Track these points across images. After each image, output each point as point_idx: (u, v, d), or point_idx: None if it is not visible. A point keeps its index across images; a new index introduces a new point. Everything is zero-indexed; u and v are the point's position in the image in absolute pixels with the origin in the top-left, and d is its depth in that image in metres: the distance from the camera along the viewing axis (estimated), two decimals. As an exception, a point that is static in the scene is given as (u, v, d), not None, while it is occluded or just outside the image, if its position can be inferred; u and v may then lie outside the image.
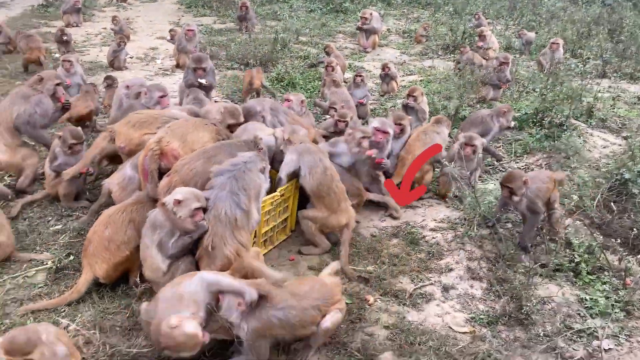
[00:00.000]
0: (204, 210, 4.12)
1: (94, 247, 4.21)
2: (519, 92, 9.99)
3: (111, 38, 13.51)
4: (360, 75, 8.86)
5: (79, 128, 5.61)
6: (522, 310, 4.33)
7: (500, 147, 7.91)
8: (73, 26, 14.81)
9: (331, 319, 3.80)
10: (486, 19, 16.11)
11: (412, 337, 4.14)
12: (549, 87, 9.33)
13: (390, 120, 6.23)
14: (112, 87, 8.61)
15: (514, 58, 10.87)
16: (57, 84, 6.04)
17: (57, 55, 11.84)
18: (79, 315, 4.05)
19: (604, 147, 7.82)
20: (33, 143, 6.26)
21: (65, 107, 6.02)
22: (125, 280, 4.43)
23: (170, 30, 12.65)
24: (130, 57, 11.84)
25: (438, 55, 13.45)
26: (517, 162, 7.45)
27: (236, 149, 4.65)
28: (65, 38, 11.87)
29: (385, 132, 5.80)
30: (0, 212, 4.72)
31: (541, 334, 4.19)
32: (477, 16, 15.31)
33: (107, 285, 4.34)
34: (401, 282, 4.80)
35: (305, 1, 19.29)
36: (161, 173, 4.60)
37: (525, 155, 7.63)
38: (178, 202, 3.99)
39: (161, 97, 6.18)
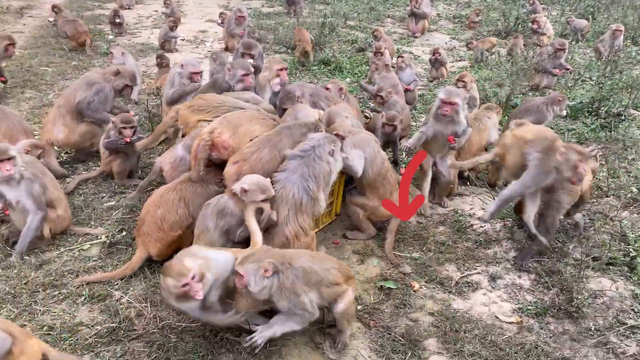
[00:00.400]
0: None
1: (147, 227, 4.32)
2: (574, 80, 9.64)
3: (162, 20, 13.77)
4: (402, 56, 8.72)
5: (131, 113, 5.74)
6: (573, 303, 4.21)
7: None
8: (125, 8, 15.15)
9: (343, 301, 3.76)
10: (541, 4, 15.59)
11: (457, 324, 4.09)
12: (607, 75, 8.99)
13: (459, 90, 5.86)
14: (164, 67, 8.78)
15: (570, 45, 10.49)
16: (128, 86, 6.24)
17: (110, 37, 12.16)
18: (131, 289, 4.18)
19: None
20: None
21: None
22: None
23: (221, 14, 12.76)
24: (182, 40, 12.03)
25: (489, 41, 13.10)
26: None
27: (298, 132, 4.65)
28: (118, 20, 12.17)
29: (453, 103, 5.40)
30: (59, 187, 4.91)
31: (592, 328, 4.07)
32: (531, 1, 14.82)
33: (158, 261, 4.47)
34: (447, 270, 4.75)
35: (354, -16, 19.10)
36: (213, 163, 4.66)
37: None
38: (244, 191, 4.00)
39: (244, 75, 6.10)
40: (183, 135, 5.28)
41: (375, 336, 4.04)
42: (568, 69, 9.30)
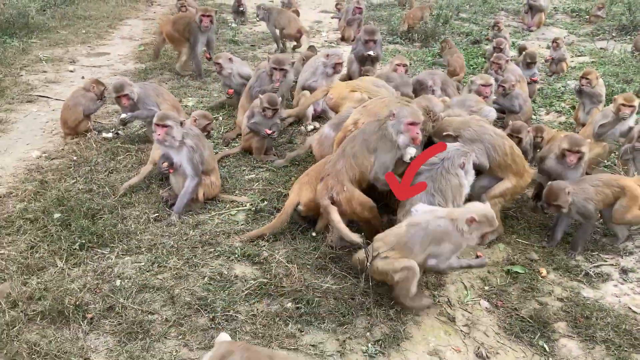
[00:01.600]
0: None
1: (309, 178, 4.84)
2: None
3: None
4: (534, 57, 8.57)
5: (275, 95, 6.19)
6: None
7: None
8: (247, -4, 15.89)
9: None
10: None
11: (587, 311, 4.16)
12: None
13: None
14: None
15: None
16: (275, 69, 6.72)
17: (234, 24, 12.88)
18: (277, 251, 4.60)
19: None
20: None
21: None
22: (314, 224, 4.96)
23: (337, 4, 13.13)
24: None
25: (612, 36, 12.54)
26: None
27: (371, 131, 4.63)
28: (241, 9, 12.85)
29: (488, 85, 6.31)
30: (214, 156, 5.45)
31: None
32: (661, -6, 13.93)
33: (298, 227, 4.88)
34: (575, 260, 4.79)
35: (466, -23, 18.82)
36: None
37: None
38: (472, 221, 3.88)
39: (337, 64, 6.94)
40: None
41: (504, 315, 4.20)
42: None
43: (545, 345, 3.92)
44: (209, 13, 8.58)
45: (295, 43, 10.95)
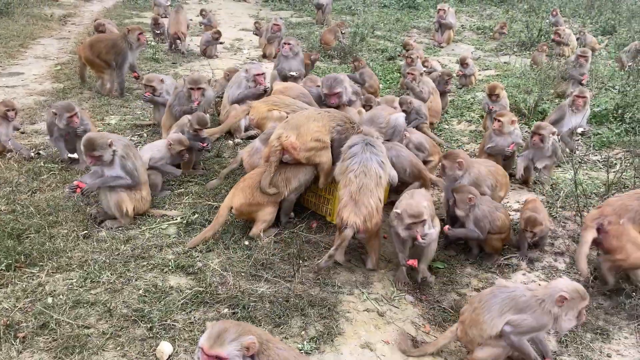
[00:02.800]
0: None
1: (244, 184, 5.09)
2: (598, 88, 10.09)
3: (198, 29, 14.45)
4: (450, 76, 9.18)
5: (203, 114, 6.31)
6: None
7: (578, 140, 8.12)
8: (162, 17, 15.83)
9: None
10: (562, 17, 16.05)
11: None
12: (630, 83, 9.43)
13: None
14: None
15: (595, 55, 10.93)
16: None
17: (153, 43, 12.82)
18: (210, 261, 4.71)
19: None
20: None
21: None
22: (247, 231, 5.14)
23: (255, 23, 13.40)
24: (223, 46, 12.70)
25: (514, 51, 13.61)
26: (595, 155, 7.63)
27: None
28: (157, 31, 12.88)
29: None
30: (145, 169, 5.45)
31: (626, 303, 4.53)
32: (554, 12, 15.31)
33: (231, 237, 5.02)
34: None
35: (379, -4, 19.75)
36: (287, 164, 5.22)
37: (602, 149, 7.80)
38: (563, 300, 3.58)
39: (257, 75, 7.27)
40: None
41: (427, 307, 4.54)
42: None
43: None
44: (143, 30, 8.82)
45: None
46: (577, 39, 12.82)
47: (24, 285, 4.26)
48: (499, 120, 6.47)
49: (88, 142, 5.01)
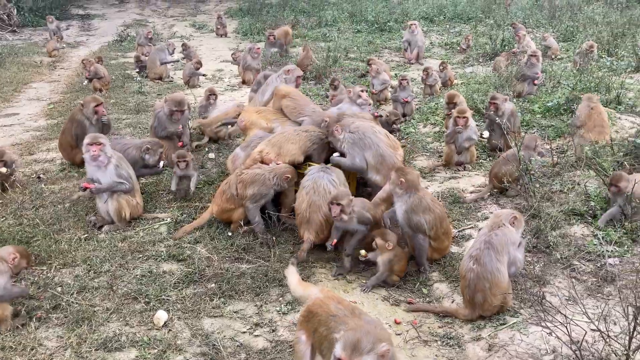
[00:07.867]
0: None
1: (223, 187, 5.76)
2: (554, 87, 10.89)
3: (181, 64, 15.30)
4: (405, 79, 10.00)
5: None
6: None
7: (535, 132, 8.84)
8: (146, 55, 16.69)
9: None
10: (526, 28, 17.00)
11: (454, 262, 5.24)
12: (581, 80, 10.26)
13: None
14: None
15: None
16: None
17: (138, 78, 13.63)
18: (198, 250, 5.37)
19: (631, 129, 8.65)
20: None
21: None
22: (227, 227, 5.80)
23: (233, 53, 14.26)
24: (205, 77, 13.50)
25: (479, 62, 14.50)
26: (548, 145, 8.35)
27: None
28: (137, 70, 13.72)
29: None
30: (135, 178, 6.13)
31: (560, 257, 5.19)
32: (514, 25, 16.27)
33: (216, 230, 5.69)
34: (446, 228, 5.91)
35: (351, 23, 20.71)
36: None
37: (557, 139, 8.53)
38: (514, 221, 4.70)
39: (298, 77, 8.11)
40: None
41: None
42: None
43: (424, 289, 4.94)
44: (101, 101, 7.59)
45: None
46: (541, 46, 13.67)
47: (35, 279, 4.90)
48: (464, 117, 7.26)
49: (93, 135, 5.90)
